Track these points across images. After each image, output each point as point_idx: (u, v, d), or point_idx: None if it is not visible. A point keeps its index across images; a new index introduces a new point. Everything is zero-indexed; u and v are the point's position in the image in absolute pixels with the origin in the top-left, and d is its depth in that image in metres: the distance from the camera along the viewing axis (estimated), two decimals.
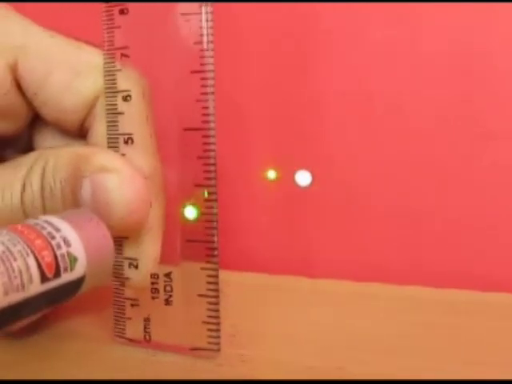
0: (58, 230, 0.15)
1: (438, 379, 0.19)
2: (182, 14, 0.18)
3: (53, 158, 0.19)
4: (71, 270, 0.15)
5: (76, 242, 0.15)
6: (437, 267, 0.31)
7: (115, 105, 0.19)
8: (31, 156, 0.19)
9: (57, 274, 0.14)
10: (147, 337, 0.21)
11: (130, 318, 0.21)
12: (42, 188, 0.18)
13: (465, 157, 0.31)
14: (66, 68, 0.19)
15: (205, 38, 0.18)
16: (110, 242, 0.16)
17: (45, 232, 0.15)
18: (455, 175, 0.31)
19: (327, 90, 0.32)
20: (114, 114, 0.19)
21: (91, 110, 0.20)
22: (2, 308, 0.13)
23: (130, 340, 0.21)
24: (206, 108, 0.19)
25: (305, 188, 0.32)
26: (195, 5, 0.18)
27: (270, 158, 0.33)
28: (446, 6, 0.29)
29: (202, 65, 0.18)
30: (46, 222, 0.15)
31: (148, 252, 0.19)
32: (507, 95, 0.30)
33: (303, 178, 0.32)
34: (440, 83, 0.30)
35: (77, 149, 0.19)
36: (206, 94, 0.18)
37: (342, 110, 0.32)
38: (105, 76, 0.19)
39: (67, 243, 0.15)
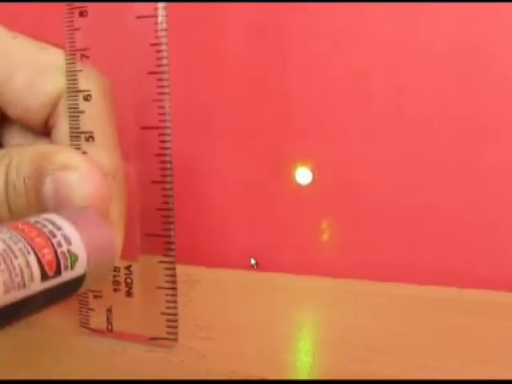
0: (59, 228, 0.15)
1: (443, 379, 0.19)
2: (138, 16, 0.19)
3: (17, 156, 0.19)
4: (72, 268, 0.15)
5: (77, 241, 0.15)
6: (437, 266, 0.31)
7: (76, 104, 0.20)
8: None
9: (57, 272, 0.14)
10: (109, 327, 0.22)
11: (93, 309, 0.22)
12: (7, 185, 0.19)
13: (465, 156, 0.31)
14: (29, 68, 0.20)
15: (160, 40, 0.19)
16: (111, 241, 0.17)
17: (46, 230, 0.14)
18: (456, 174, 0.31)
19: (328, 89, 0.33)
20: (75, 113, 0.20)
21: (54, 109, 0.20)
22: (3, 306, 0.13)
23: (94, 330, 0.22)
24: (162, 108, 0.19)
25: (305, 186, 0.33)
26: (150, 6, 0.19)
27: (271, 157, 0.34)
28: (446, 6, 0.30)
29: (157, 66, 0.19)
30: (47, 220, 0.15)
31: None
32: (507, 95, 0.30)
33: (304, 176, 0.33)
34: (440, 83, 0.31)
35: (40, 147, 0.20)
36: (162, 94, 0.19)
37: (342, 109, 0.32)
38: (66, 76, 0.20)
39: (68, 241, 0.15)
